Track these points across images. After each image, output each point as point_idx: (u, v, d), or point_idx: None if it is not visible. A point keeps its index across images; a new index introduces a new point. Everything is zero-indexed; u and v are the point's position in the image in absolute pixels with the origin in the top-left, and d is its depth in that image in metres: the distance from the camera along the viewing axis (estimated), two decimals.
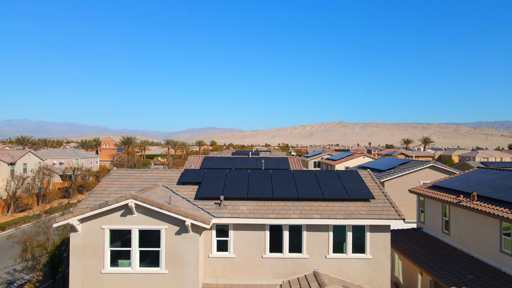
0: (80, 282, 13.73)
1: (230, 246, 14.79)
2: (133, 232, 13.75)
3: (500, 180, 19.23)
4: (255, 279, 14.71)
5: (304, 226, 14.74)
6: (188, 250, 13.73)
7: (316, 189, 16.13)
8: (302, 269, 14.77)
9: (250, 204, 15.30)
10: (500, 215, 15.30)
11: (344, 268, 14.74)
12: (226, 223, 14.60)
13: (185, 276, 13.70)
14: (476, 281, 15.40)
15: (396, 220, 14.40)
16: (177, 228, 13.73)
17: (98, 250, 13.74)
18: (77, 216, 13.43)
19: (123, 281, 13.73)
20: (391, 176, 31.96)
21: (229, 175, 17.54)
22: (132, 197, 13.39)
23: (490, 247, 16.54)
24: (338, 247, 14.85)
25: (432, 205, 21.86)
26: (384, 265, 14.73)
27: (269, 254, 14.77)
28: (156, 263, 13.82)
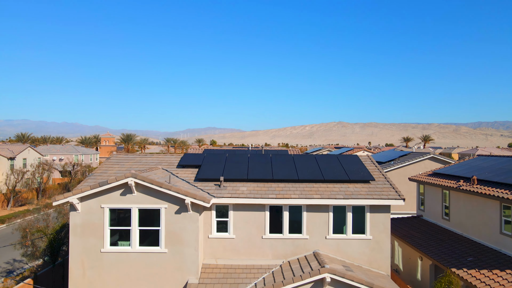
0: (80, 261, 13.71)
1: (230, 227, 14.77)
2: (133, 211, 13.73)
3: (500, 165, 19.22)
4: (255, 260, 14.69)
5: (304, 207, 14.72)
6: (188, 229, 13.71)
7: (316, 171, 16.11)
8: (302, 249, 14.75)
9: (250, 185, 15.28)
10: (501, 197, 15.29)
11: (344, 249, 14.72)
12: (226, 203, 14.58)
13: (185, 255, 13.68)
14: (476, 262, 15.39)
15: (396, 200, 14.38)
16: (177, 207, 13.71)
17: (97, 229, 13.71)
18: (77, 195, 13.41)
19: (123, 260, 13.70)
20: (391, 167, 31.94)
21: (229, 158, 17.52)
22: (132, 175, 13.37)
23: (490, 230, 16.53)
24: (338, 228, 14.84)
25: (432, 192, 21.84)
26: (384, 246, 14.71)
27: (269, 234, 14.75)
28: (156, 243, 13.80)
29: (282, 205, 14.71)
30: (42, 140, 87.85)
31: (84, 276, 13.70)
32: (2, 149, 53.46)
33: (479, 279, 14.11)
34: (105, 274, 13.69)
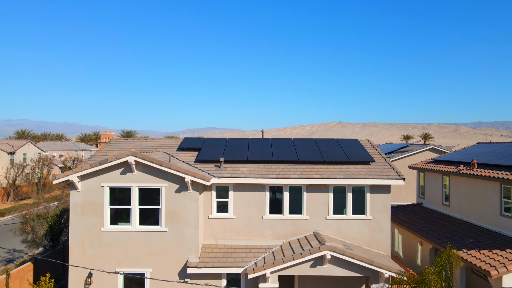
0: (80, 240, 13.70)
1: (230, 207, 14.76)
2: (133, 190, 13.72)
3: (499, 150, 19.24)
4: (255, 240, 14.69)
5: (304, 187, 14.72)
6: (188, 208, 13.70)
7: (316, 153, 16.12)
8: (302, 230, 14.75)
9: (250, 166, 15.28)
10: (501, 178, 15.29)
11: (344, 229, 14.72)
12: (226, 183, 14.57)
13: (185, 234, 13.67)
14: (476, 243, 15.39)
15: (396, 180, 14.39)
16: (177, 186, 13.71)
17: (98, 208, 13.71)
18: (77, 173, 13.40)
19: (123, 239, 13.70)
20: (391, 158, 31.93)
21: (229, 142, 17.53)
22: (132, 154, 13.36)
23: (490, 212, 16.52)
24: (338, 208, 14.84)
25: (432, 178, 21.84)
26: (384, 226, 14.71)
27: (269, 215, 14.75)
28: (156, 222, 13.80)
29: (282, 185, 14.71)
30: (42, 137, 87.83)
31: (84, 255, 13.70)
32: (2, 144, 53.48)
33: (479, 259, 14.11)
34: (105, 252, 13.69)
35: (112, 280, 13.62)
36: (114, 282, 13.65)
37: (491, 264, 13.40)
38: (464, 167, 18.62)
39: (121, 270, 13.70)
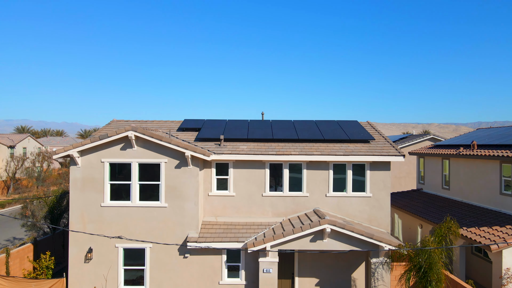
0: (80, 215, 13.70)
1: (230, 184, 14.76)
2: (133, 166, 13.72)
3: (500, 133, 19.26)
4: (255, 218, 14.69)
5: (304, 164, 14.72)
6: (188, 184, 13.70)
7: (316, 133, 16.12)
8: (302, 207, 14.75)
9: (250, 144, 15.27)
10: (500, 155, 15.30)
11: (344, 207, 14.72)
12: (226, 160, 14.57)
13: (185, 210, 13.67)
14: (476, 221, 15.39)
15: (396, 156, 14.39)
16: (177, 162, 13.71)
17: (98, 183, 13.71)
18: (77, 148, 13.40)
19: (123, 215, 13.70)
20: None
21: (229, 123, 17.54)
22: (132, 128, 13.36)
23: (490, 192, 16.53)
24: (339, 185, 14.84)
25: (432, 163, 21.84)
26: (384, 204, 14.70)
27: (269, 192, 14.75)
28: (156, 197, 13.79)
29: (282, 162, 14.71)
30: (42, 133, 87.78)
31: (84, 230, 13.69)
32: (2, 138, 53.48)
33: (479, 235, 14.12)
34: (105, 228, 13.68)
35: (112, 255, 13.62)
36: (114, 257, 13.65)
37: (491, 239, 13.40)
38: (464, 149, 18.62)
39: (121, 246, 13.69)
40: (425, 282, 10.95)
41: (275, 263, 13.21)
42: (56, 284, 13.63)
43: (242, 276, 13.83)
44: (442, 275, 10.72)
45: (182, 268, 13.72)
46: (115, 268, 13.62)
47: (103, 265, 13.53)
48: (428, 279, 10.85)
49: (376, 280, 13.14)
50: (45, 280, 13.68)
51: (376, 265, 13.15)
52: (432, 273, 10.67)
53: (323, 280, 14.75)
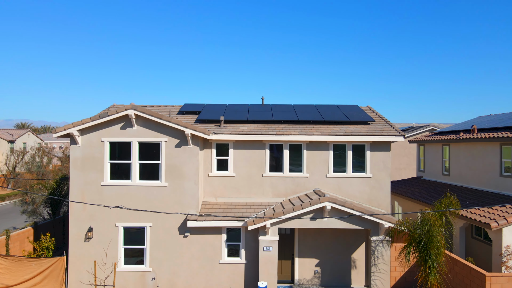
0: (80, 194, 13.70)
1: (230, 165, 14.76)
2: (133, 145, 13.72)
3: (500, 118, 19.26)
4: (255, 198, 14.69)
5: (304, 145, 14.72)
6: (188, 163, 13.70)
7: (316, 115, 16.13)
8: (302, 188, 14.75)
9: (250, 125, 15.27)
10: (500, 136, 15.30)
11: (344, 187, 14.71)
12: (226, 140, 14.57)
13: (185, 189, 13.67)
14: (476, 203, 15.39)
15: (396, 136, 14.38)
16: (177, 141, 13.71)
17: (98, 162, 13.71)
18: (77, 127, 13.40)
19: (123, 194, 13.69)
20: None
21: (229, 107, 17.54)
22: (132, 107, 13.36)
23: (490, 175, 16.53)
24: (339, 166, 14.83)
25: (432, 150, 21.84)
26: (384, 184, 14.69)
27: (269, 173, 14.75)
28: (156, 177, 13.79)
29: (282, 142, 14.70)
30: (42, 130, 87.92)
31: (84, 209, 13.70)
32: (2, 132, 53.48)
33: (479, 215, 14.12)
34: (105, 207, 13.67)
35: (112, 234, 13.62)
36: (114, 236, 13.65)
37: (491, 218, 13.40)
38: (464, 133, 18.63)
39: (121, 225, 13.69)
40: (425, 256, 10.94)
41: (275, 242, 13.22)
42: (56, 263, 13.63)
43: (242, 255, 13.83)
44: (442, 248, 10.71)
45: (182, 248, 13.72)
46: (115, 247, 13.61)
47: (103, 244, 13.53)
48: (428, 252, 10.83)
49: (376, 258, 13.15)
50: (45, 259, 13.69)
51: (376, 243, 13.16)
52: (432, 246, 10.66)
53: (323, 261, 14.75)
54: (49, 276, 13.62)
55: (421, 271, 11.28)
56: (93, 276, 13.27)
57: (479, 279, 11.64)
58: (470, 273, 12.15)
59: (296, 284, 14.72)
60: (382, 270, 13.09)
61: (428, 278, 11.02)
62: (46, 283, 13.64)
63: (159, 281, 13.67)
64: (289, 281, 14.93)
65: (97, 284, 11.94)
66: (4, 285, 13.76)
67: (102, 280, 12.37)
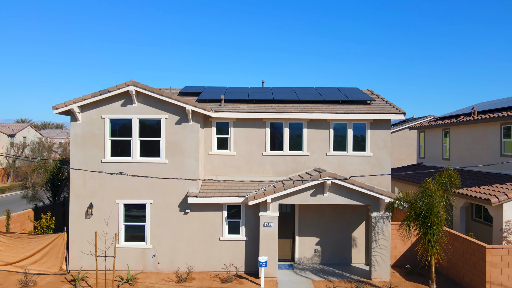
0: (80, 171, 13.69)
1: (231, 143, 14.76)
2: (134, 122, 13.72)
3: (500, 102, 19.27)
4: (256, 177, 14.68)
5: (305, 123, 14.72)
6: (188, 140, 13.70)
7: (317, 95, 16.14)
8: (303, 166, 14.75)
9: (250, 104, 15.27)
10: (501, 116, 15.31)
11: (344, 166, 14.71)
12: (226, 118, 14.57)
13: (186, 165, 13.67)
14: (476, 183, 15.40)
15: (397, 114, 14.39)
16: (177, 118, 13.71)
17: (98, 140, 13.71)
18: (78, 103, 13.40)
19: (123, 170, 13.68)
20: (392, 129, 31.92)
21: (229, 89, 17.55)
22: (132, 83, 13.36)
23: (490, 156, 16.53)
24: (339, 145, 14.84)
25: (433, 136, 21.86)
26: (384, 163, 14.70)
27: (269, 151, 14.75)
28: (156, 154, 13.79)
29: (282, 120, 14.71)
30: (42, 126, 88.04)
31: (85, 186, 13.70)
32: (2, 127, 53.47)
33: (479, 192, 14.13)
34: (106, 184, 13.68)
35: (112, 211, 13.61)
36: (115, 213, 13.65)
37: (491, 194, 13.41)
38: (464, 117, 18.64)
39: (122, 202, 13.70)
40: (425, 227, 10.94)
41: (276, 218, 13.22)
42: (57, 239, 13.65)
43: (242, 232, 13.83)
44: (442, 217, 10.70)
45: (182, 224, 13.72)
46: (115, 224, 13.61)
47: (104, 221, 13.51)
48: (428, 223, 10.83)
49: (377, 234, 13.16)
50: (46, 235, 13.71)
51: (376, 219, 13.16)
52: (433, 217, 10.65)
53: (323, 240, 14.76)
54: (49, 253, 13.65)
55: (422, 243, 11.28)
56: (94, 247, 13.24)
57: (480, 252, 11.65)
58: (471, 247, 12.16)
59: (296, 262, 14.73)
60: (383, 246, 13.09)
61: (429, 250, 11.01)
62: (46, 260, 13.67)
63: (159, 258, 13.67)
64: (290, 259, 14.93)
65: (98, 255, 11.92)
66: (4, 262, 13.77)
67: (103, 251, 12.36)
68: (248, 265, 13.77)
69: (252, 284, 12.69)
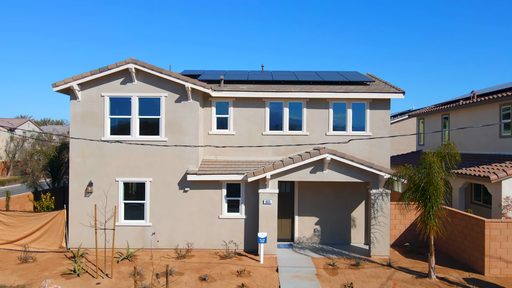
0: (80, 149, 13.72)
1: (230, 123, 14.78)
2: (133, 100, 13.74)
3: (498, 86, 19.29)
4: (255, 156, 14.71)
5: (304, 103, 14.74)
6: (188, 118, 13.72)
7: (316, 77, 16.16)
8: (302, 146, 14.73)
9: (250, 85, 15.29)
10: (500, 96, 15.33)
11: (344, 146, 14.70)
12: (226, 97, 14.59)
13: (185, 143, 13.68)
14: (475, 163, 15.42)
15: (396, 93, 14.40)
16: (177, 96, 13.73)
17: (98, 118, 13.73)
18: (77, 80, 13.41)
19: (123, 149, 13.71)
20: (391, 121, 31.96)
21: (229, 72, 17.56)
22: (132, 61, 13.37)
23: (489, 138, 16.56)
24: (339, 124, 14.85)
25: (432, 122, 21.88)
26: (384, 142, 14.71)
27: (269, 131, 14.76)
28: (156, 132, 13.81)
29: (282, 100, 14.72)
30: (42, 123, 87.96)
31: (84, 165, 13.71)
32: (2, 121, 53.47)
33: (478, 171, 14.15)
34: (105, 162, 13.70)
35: (112, 189, 13.62)
36: (114, 191, 13.66)
37: (490, 172, 13.43)
38: (463, 101, 18.66)
39: (121, 180, 13.71)
40: (424, 199, 10.95)
41: (275, 195, 13.24)
42: (56, 217, 13.67)
43: (242, 210, 13.85)
44: (441, 188, 10.70)
45: (182, 202, 13.74)
46: (115, 202, 13.61)
47: (103, 199, 13.52)
48: (427, 195, 10.84)
49: (376, 211, 13.17)
50: (45, 213, 13.73)
51: (375, 196, 13.18)
52: (432, 188, 10.66)
53: (323, 220, 14.78)
54: (49, 230, 13.67)
55: (421, 216, 11.29)
56: (93, 225, 13.25)
57: (479, 226, 11.67)
58: (470, 222, 12.18)
59: (296, 242, 14.75)
60: (382, 223, 13.11)
61: (428, 222, 11.02)
62: (46, 238, 13.69)
63: (159, 236, 13.69)
64: (289, 239, 14.95)
65: (98, 227, 11.92)
66: (4, 241, 13.79)
67: (103, 227, 12.38)
68: (248, 243, 13.79)
69: (252, 261, 12.71)
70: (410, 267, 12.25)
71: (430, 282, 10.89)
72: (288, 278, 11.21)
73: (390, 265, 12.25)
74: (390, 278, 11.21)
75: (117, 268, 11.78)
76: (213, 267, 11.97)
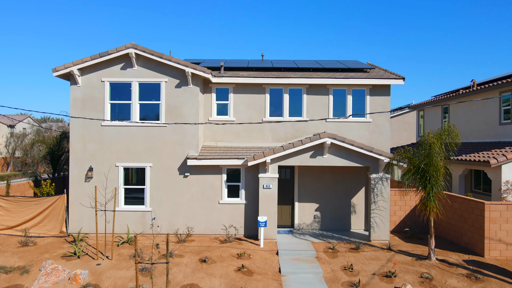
0: (80, 135, 13.73)
1: (230, 109, 14.78)
2: (133, 85, 13.74)
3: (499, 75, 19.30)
4: (255, 143, 14.71)
5: (304, 89, 14.74)
6: (188, 103, 13.73)
7: (316, 65, 16.17)
8: (302, 132, 14.76)
9: (250, 72, 15.28)
10: (500, 83, 15.34)
11: (344, 132, 14.71)
12: (226, 83, 14.60)
13: (185, 129, 13.70)
14: (475, 150, 15.43)
15: (396, 79, 14.41)
16: (177, 81, 13.74)
17: (98, 103, 13.74)
18: (78, 65, 13.42)
19: (123, 134, 13.72)
20: (391, 114, 31.97)
21: (228, 61, 17.57)
22: (132, 46, 13.38)
23: (489, 125, 16.57)
24: (339, 111, 14.85)
25: (432, 114, 21.89)
26: (384, 129, 14.72)
27: (269, 117, 14.77)
28: (156, 117, 13.82)
29: (282, 86, 14.72)
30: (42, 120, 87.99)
31: (84, 150, 13.72)
32: (2, 118, 53.46)
33: (478, 156, 14.16)
34: (106, 148, 13.71)
35: (112, 174, 13.63)
36: (115, 176, 13.66)
37: (490, 157, 13.45)
38: (463, 90, 18.67)
39: (122, 165, 13.72)
40: (424, 181, 10.96)
41: (275, 179, 13.25)
42: (57, 202, 13.68)
43: (242, 195, 13.86)
44: (441, 169, 10.71)
45: (182, 188, 13.75)
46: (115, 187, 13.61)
47: (104, 184, 13.52)
48: (427, 177, 10.84)
49: (376, 196, 13.18)
50: (46, 198, 13.73)
51: (375, 180, 13.19)
52: (432, 169, 10.66)
53: (322, 206, 14.79)
54: (49, 215, 13.67)
55: (421, 198, 11.30)
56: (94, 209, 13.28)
57: (478, 208, 11.68)
58: (469, 205, 12.19)
59: (296, 228, 14.76)
60: (382, 208, 13.12)
61: (427, 204, 11.03)
62: (46, 223, 13.69)
63: (159, 221, 13.69)
64: (289, 226, 14.96)
65: (98, 209, 11.94)
66: (4, 226, 13.79)
67: (103, 212, 12.39)
68: (248, 228, 13.80)
69: (252, 245, 12.72)
70: (410, 250, 12.27)
71: (430, 264, 10.91)
72: (288, 260, 11.23)
73: (390, 249, 12.27)
74: (390, 260, 11.22)
75: (117, 251, 11.80)
76: (213, 250, 11.98)
